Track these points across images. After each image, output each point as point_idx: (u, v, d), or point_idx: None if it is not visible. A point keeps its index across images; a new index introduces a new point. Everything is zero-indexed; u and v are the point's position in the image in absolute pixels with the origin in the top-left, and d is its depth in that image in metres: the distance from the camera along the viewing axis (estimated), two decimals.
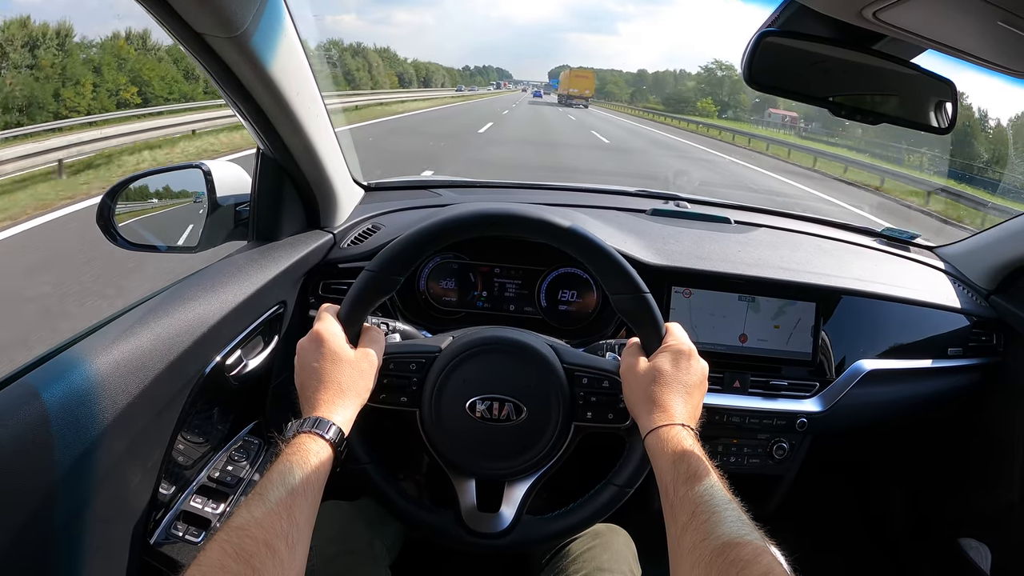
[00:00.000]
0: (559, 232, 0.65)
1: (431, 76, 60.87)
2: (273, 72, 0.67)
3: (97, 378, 0.54)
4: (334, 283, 0.95)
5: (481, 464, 0.67)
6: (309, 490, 0.50)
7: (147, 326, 0.62)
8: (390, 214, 1.09)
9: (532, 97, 49.69)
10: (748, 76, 0.67)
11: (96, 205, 0.84)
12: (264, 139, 0.80)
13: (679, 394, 0.60)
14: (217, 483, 0.76)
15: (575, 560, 0.76)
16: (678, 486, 0.52)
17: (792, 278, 0.98)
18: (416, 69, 56.26)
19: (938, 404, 1.09)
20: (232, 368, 0.75)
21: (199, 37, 0.59)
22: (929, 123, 0.74)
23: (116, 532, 0.62)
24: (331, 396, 0.58)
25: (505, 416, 0.65)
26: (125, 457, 0.59)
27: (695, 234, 1.08)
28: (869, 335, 1.03)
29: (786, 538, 0.48)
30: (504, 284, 1.03)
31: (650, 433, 0.57)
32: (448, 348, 0.67)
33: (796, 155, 14.09)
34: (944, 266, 1.18)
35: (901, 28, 0.54)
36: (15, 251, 3.93)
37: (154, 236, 0.89)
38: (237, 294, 0.73)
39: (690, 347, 0.63)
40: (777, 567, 0.43)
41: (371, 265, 0.64)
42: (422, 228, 0.65)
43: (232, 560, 0.42)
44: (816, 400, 0.99)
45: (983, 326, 1.08)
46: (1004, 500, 1.09)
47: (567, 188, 1.35)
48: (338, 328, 0.62)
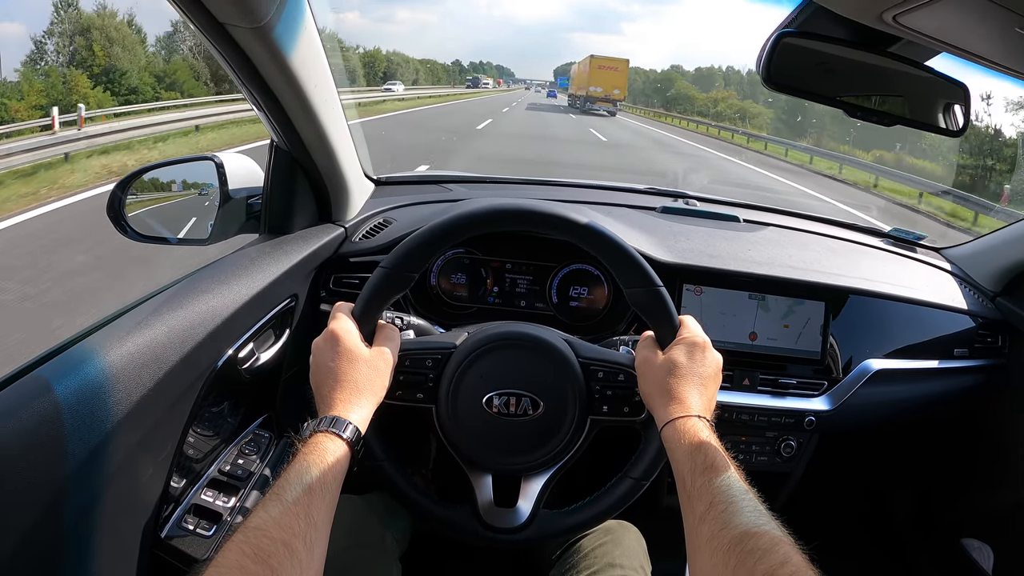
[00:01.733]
0: (575, 227, 0.65)
1: (395, 70, 41.87)
2: (293, 64, 0.67)
3: (111, 371, 0.54)
4: (345, 277, 0.95)
5: (498, 459, 0.67)
6: (326, 489, 0.50)
7: (161, 318, 0.61)
8: (401, 208, 1.08)
9: (535, 96, 40.48)
10: (766, 76, 0.67)
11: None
12: (279, 131, 0.80)
13: (695, 386, 0.60)
14: (228, 476, 0.76)
15: (586, 556, 0.76)
16: (695, 477, 0.52)
17: (802, 277, 0.99)
18: (372, 59, 38.86)
19: (944, 404, 1.09)
20: (244, 361, 0.75)
21: (221, 27, 0.59)
22: (942, 125, 0.74)
23: (127, 525, 0.62)
24: (347, 395, 0.58)
25: (522, 411, 0.65)
26: (137, 450, 0.59)
27: (705, 232, 1.09)
28: (877, 335, 1.03)
29: (792, 535, 0.49)
30: (515, 280, 1.03)
31: (666, 425, 0.58)
32: (464, 344, 0.67)
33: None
34: (950, 267, 1.19)
35: (919, 32, 0.55)
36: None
37: (165, 228, 0.89)
38: (250, 287, 0.73)
39: (704, 339, 0.64)
40: (795, 556, 0.43)
41: (385, 262, 0.64)
42: (436, 224, 0.64)
43: (250, 561, 0.42)
44: (824, 399, 0.99)
45: (989, 328, 1.09)
46: (1008, 501, 1.10)
47: (577, 185, 1.35)
48: (353, 326, 0.62)
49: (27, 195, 5.25)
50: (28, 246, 4.06)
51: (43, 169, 6.13)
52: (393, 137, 10.15)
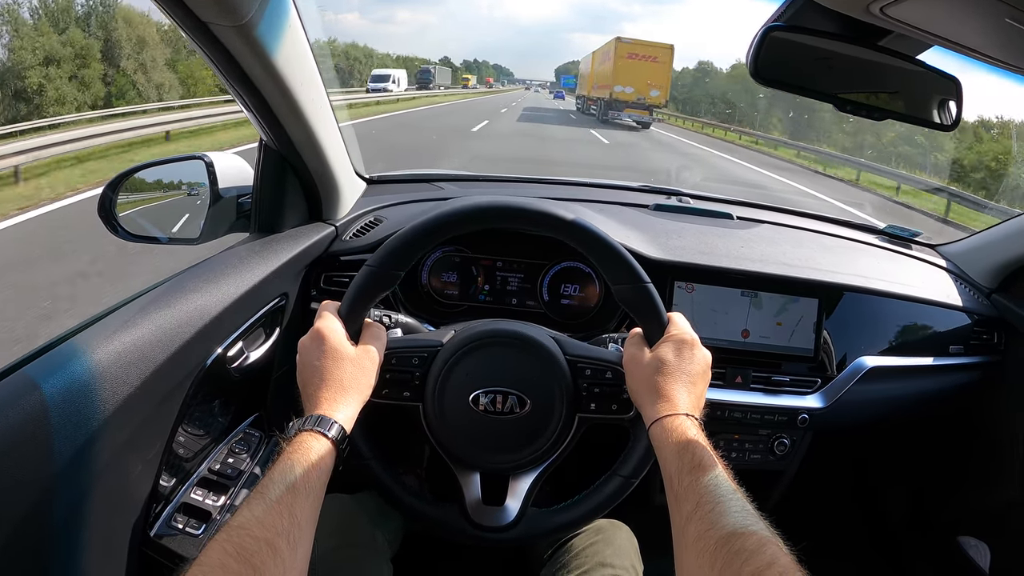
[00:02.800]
0: (560, 223, 0.65)
1: (353, 67, 32.74)
2: (277, 62, 0.67)
3: (98, 369, 0.54)
4: (336, 275, 0.95)
5: (485, 457, 0.67)
6: (311, 488, 0.50)
7: (148, 317, 0.61)
8: (392, 207, 1.08)
9: (535, 98, 33.96)
10: (754, 71, 0.67)
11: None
12: (267, 130, 0.80)
13: (683, 384, 0.59)
14: (218, 475, 0.76)
15: (577, 555, 0.76)
16: (683, 476, 0.52)
17: (795, 274, 0.98)
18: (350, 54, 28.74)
19: (939, 401, 1.09)
20: (234, 360, 0.75)
21: (204, 26, 0.59)
22: (934, 120, 0.74)
23: (116, 524, 0.61)
24: (333, 394, 0.58)
25: (509, 409, 0.65)
26: (125, 449, 0.58)
27: (698, 229, 1.08)
28: (871, 332, 1.03)
29: (785, 533, 0.48)
30: (506, 278, 1.03)
31: (654, 423, 0.57)
32: (450, 342, 0.67)
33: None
34: (946, 264, 1.18)
35: (907, 24, 0.54)
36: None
37: (155, 227, 0.89)
38: (239, 286, 0.73)
39: (693, 336, 0.63)
40: (782, 557, 0.43)
41: (371, 260, 0.64)
42: (421, 223, 0.64)
43: (233, 559, 0.42)
44: (818, 396, 0.99)
45: (984, 324, 1.08)
46: (1004, 498, 1.09)
47: (569, 183, 1.35)
48: (339, 325, 0.62)
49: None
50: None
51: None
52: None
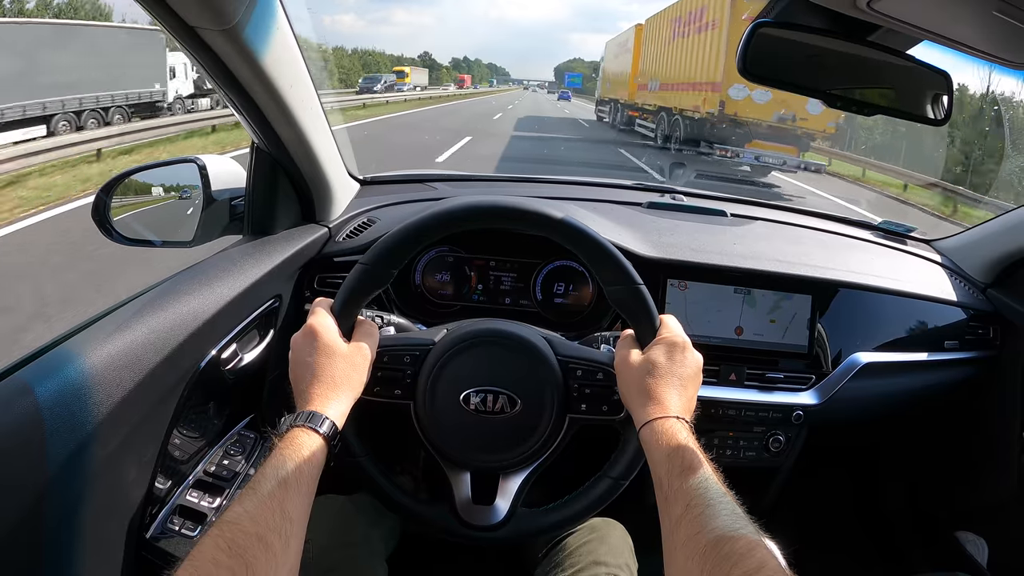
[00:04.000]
0: (551, 223, 0.65)
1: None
2: (266, 65, 0.67)
3: (92, 373, 0.54)
4: (329, 277, 0.95)
5: (476, 456, 0.67)
6: (302, 484, 0.50)
7: (142, 320, 0.62)
8: (385, 208, 1.08)
9: (534, 100, 31.27)
10: (742, 67, 0.67)
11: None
12: (259, 133, 0.80)
13: (673, 387, 0.59)
14: (213, 477, 0.76)
15: (572, 554, 0.76)
16: (672, 479, 0.51)
17: (788, 271, 0.98)
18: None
19: (935, 397, 1.09)
20: (228, 362, 0.75)
21: (191, 30, 0.59)
22: (925, 115, 0.73)
23: (112, 527, 0.62)
24: (324, 390, 0.58)
25: (499, 408, 0.65)
26: (120, 452, 0.59)
27: (691, 227, 1.08)
28: (865, 328, 1.03)
29: (782, 530, 0.48)
30: (499, 277, 1.03)
31: (644, 426, 0.57)
32: (442, 341, 0.67)
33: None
34: (941, 259, 1.18)
35: (896, 18, 0.54)
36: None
37: (149, 231, 0.90)
38: (232, 288, 0.73)
39: (684, 339, 0.63)
40: (771, 561, 0.43)
41: (364, 258, 0.64)
42: (414, 222, 0.65)
43: (224, 554, 0.42)
44: (812, 393, 0.99)
45: (980, 319, 1.08)
46: (1001, 493, 1.09)
47: (562, 181, 1.35)
48: (331, 322, 0.62)
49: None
50: None
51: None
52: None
